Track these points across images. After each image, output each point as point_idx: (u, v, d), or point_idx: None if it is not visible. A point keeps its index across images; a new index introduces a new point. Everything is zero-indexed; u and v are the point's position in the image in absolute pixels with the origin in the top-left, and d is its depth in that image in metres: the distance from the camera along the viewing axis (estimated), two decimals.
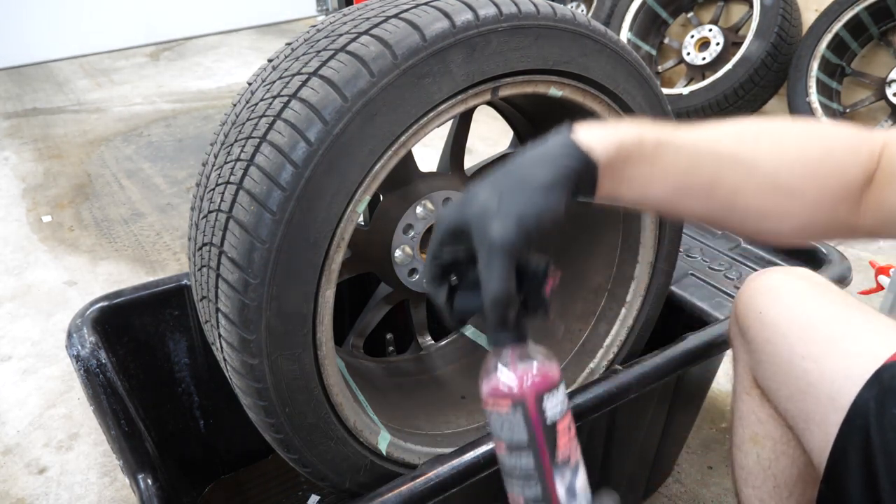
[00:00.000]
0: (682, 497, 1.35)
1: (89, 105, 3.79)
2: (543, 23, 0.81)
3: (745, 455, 0.90)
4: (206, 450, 1.30)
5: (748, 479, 0.90)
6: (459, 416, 1.09)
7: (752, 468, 0.89)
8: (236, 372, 0.77)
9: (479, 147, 2.97)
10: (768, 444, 0.87)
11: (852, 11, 2.64)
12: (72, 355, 1.03)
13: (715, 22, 3.13)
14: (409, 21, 0.73)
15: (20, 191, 2.79)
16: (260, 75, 0.84)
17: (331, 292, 0.79)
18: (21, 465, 1.48)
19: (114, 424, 0.94)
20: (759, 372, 0.84)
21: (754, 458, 0.89)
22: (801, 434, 0.78)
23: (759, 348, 0.82)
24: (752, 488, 0.90)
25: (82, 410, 1.62)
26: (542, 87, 0.87)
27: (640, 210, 0.68)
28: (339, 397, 0.84)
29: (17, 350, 1.84)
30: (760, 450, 0.88)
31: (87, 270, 2.21)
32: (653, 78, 0.96)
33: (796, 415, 0.78)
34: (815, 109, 2.68)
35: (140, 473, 0.86)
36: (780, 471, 0.87)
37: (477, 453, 0.85)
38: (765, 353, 0.81)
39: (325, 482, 0.88)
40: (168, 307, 1.16)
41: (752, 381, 0.88)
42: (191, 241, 0.86)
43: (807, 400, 0.75)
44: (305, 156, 0.69)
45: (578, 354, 1.16)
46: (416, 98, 0.74)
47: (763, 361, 0.82)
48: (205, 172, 0.84)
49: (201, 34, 5.18)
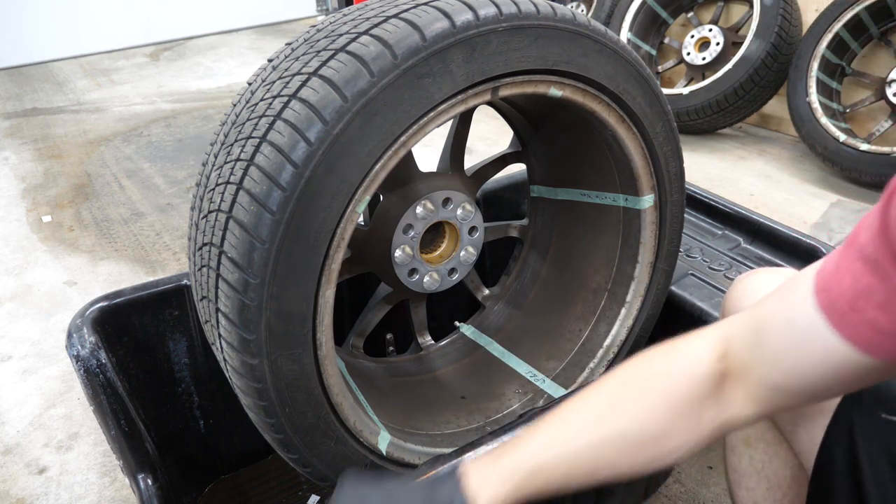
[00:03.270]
0: (682, 497, 1.35)
1: (89, 105, 3.79)
2: (543, 23, 0.81)
3: (738, 457, 0.91)
4: (206, 450, 1.30)
5: (741, 481, 0.90)
6: (459, 416, 1.09)
7: (746, 470, 0.90)
8: (236, 372, 0.77)
9: (479, 147, 2.97)
10: (760, 446, 0.87)
11: (852, 11, 2.64)
12: (72, 355, 1.03)
13: (715, 22, 3.13)
14: (409, 21, 0.73)
15: (20, 191, 2.79)
16: (260, 75, 0.84)
17: (331, 292, 0.79)
18: (21, 465, 1.48)
19: (114, 424, 0.94)
20: None
21: (747, 460, 0.89)
22: (790, 436, 0.78)
23: None
24: (745, 490, 0.90)
25: (82, 410, 1.61)
26: (542, 87, 0.87)
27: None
28: (339, 397, 0.84)
29: (17, 350, 1.84)
30: (753, 452, 0.88)
31: (87, 270, 2.21)
32: (653, 78, 0.96)
33: (784, 417, 0.78)
34: (816, 109, 2.68)
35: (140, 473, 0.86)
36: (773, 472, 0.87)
37: (477, 453, 0.85)
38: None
39: (325, 482, 0.88)
40: (168, 307, 1.16)
41: None
42: (191, 241, 0.86)
43: None
44: (305, 156, 0.69)
45: (578, 354, 1.16)
46: (416, 98, 0.74)
47: None
48: (205, 172, 0.84)
49: (201, 34, 5.18)
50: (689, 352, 0.65)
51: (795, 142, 3.04)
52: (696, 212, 1.46)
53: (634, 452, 0.65)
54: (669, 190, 1.06)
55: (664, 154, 1.02)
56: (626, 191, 1.07)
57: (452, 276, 1.05)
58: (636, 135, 0.99)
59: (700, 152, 2.99)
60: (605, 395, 0.68)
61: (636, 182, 1.04)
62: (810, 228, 2.36)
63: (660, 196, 1.06)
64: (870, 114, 2.83)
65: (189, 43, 5.04)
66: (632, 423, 0.65)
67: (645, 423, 0.64)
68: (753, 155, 2.97)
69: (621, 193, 1.08)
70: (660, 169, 1.03)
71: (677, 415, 0.64)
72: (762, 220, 1.36)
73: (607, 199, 1.11)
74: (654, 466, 0.66)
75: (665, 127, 1.00)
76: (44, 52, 4.64)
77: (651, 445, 0.65)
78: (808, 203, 2.54)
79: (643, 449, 0.65)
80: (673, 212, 1.08)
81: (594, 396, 0.68)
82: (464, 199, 1.00)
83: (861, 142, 2.55)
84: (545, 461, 0.65)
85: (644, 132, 0.99)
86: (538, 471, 0.64)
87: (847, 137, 2.59)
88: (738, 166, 2.86)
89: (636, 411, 0.65)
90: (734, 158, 2.94)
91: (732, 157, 2.95)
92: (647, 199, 1.05)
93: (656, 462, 0.65)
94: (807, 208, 2.50)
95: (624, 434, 0.65)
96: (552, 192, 1.22)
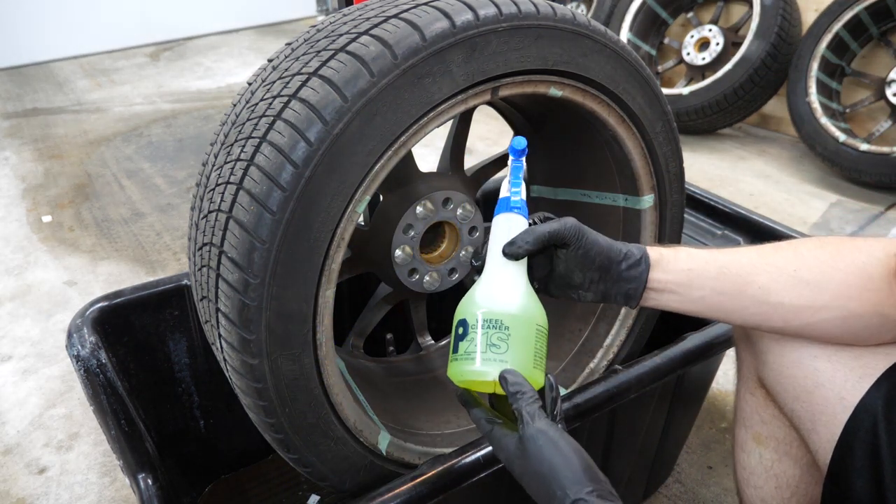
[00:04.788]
0: (682, 497, 1.35)
1: (89, 105, 3.79)
2: (543, 23, 0.81)
3: (747, 455, 0.90)
4: (206, 450, 1.30)
5: (750, 479, 0.90)
6: (459, 416, 1.09)
7: (755, 468, 0.89)
8: (236, 372, 0.77)
9: (479, 147, 2.97)
10: (771, 444, 0.87)
11: (852, 11, 2.64)
12: (72, 355, 1.03)
13: (715, 22, 3.13)
14: (409, 21, 0.74)
15: (20, 191, 2.79)
16: (260, 75, 0.84)
17: (331, 292, 0.79)
18: (21, 465, 1.48)
19: (114, 424, 0.94)
20: (764, 372, 0.84)
21: (757, 457, 0.89)
22: (808, 434, 0.78)
23: (766, 349, 0.82)
24: (753, 488, 0.90)
25: (82, 410, 1.62)
26: (542, 87, 0.87)
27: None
28: (339, 397, 0.84)
29: (18, 350, 1.84)
30: (763, 450, 0.88)
31: (87, 270, 2.21)
32: (653, 78, 0.96)
33: (802, 415, 0.78)
34: (815, 109, 2.68)
35: (140, 473, 0.86)
36: (783, 471, 0.87)
37: (477, 453, 0.85)
38: (772, 353, 0.81)
39: (325, 482, 0.88)
40: (168, 307, 1.16)
41: (756, 382, 0.88)
42: (191, 241, 0.86)
43: (814, 399, 0.75)
44: (305, 156, 0.69)
45: (578, 354, 1.16)
46: (416, 98, 0.74)
47: (769, 362, 0.82)
48: (205, 172, 0.84)
49: (201, 34, 5.18)
50: (866, 239, 0.75)
51: (795, 142, 3.04)
52: (696, 212, 1.46)
53: (789, 287, 0.73)
54: (669, 190, 1.06)
55: (664, 154, 1.02)
56: (626, 191, 1.07)
57: (452, 276, 1.05)
58: (636, 135, 0.99)
59: (700, 152, 2.99)
60: (790, 246, 0.77)
61: (636, 182, 1.04)
62: (810, 228, 2.36)
63: (660, 196, 1.06)
64: (870, 114, 2.83)
65: (189, 43, 5.04)
66: (800, 263, 0.74)
67: (812, 266, 0.73)
68: (753, 155, 2.97)
69: (621, 193, 1.08)
70: (660, 169, 1.03)
71: (842, 278, 0.72)
72: (762, 220, 1.36)
73: (607, 200, 1.11)
74: (798, 318, 0.74)
75: (665, 127, 1.00)
76: (44, 52, 4.64)
77: (807, 289, 0.73)
78: (808, 203, 2.54)
79: (798, 288, 0.73)
80: (673, 212, 1.08)
81: (781, 247, 0.78)
82: (464, 199, 1.00)
83: (861, 142, 2.55)
84: (726, 261, 0.76)
85: (644, 132, 0.99)
86: (721, 269, 0.76)
87: (847, 137, 2.59)
88: (738, 166, 2.86)
89: (808, 256, 0.74)
90: (734, 158, 2.94)
91: (732, 157, 2.95)
92: (647, 199, 1.05)
93: (802, 314, 0.73)
94: (806, 208, 2.50)
95: (787, 268, 0.74)
96: (552, 192, 1.22)
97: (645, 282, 0.77)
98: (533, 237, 0.74)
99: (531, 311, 0.72)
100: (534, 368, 0.70)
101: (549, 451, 0.62)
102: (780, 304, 0.73)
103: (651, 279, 0.77)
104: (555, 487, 0.61)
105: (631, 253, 0.77)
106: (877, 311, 0.71)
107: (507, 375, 0.68)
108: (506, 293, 0.73)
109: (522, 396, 0.66)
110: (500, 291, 0.73)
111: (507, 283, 0.74)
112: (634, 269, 0.77)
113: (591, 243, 0.76)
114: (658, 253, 0.78)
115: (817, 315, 0.73)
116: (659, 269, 0.77)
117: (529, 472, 0.63)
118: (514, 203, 0.78)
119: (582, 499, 0.59)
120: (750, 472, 0.90)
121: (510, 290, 0.73)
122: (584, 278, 0.78)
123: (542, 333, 0.72)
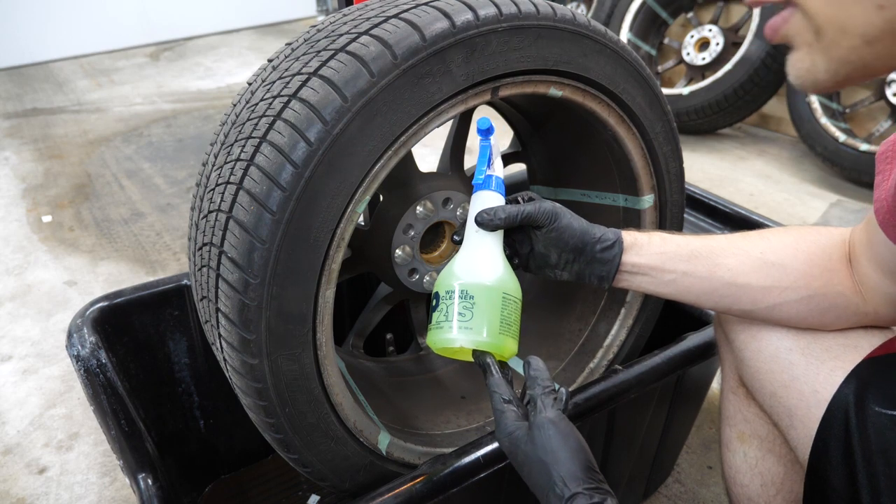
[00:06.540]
0: (682, 497, 1.35)
1: (89, 105, 3.79)
2: (543, 23, 0.81)
3: (732, 454, 0.91)
4: (206, 450, 1.30)
5: (736, 478, 0.91)
6: (459, 416, 1.09)
7: (740, 466, 0.90)
8: (236, 372, 0.77)
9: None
10: (755, 443, 0.88)
11: None
12: (72, 355, 1.03)
13: (715, 22, 3.13)
14: (409, 21, 0.74)
15: (20, 191, 2.79)
16: (260, 75, 0.84)
17: (331, 292, 0.79)
18: (21, 465, 1.48)
19: (114, 424, 0.94)
20: (743, 370, 0.85)
21: (741, 456, 0.90)
22: (787, 430, 0.79)
23: (743, 345, 0.83)
24: (740, 486, 0.90)
25: (82, 410, 1.61)
26: (542, 87, 0.87)
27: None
28: (339, 397, 0.84)
29: (18, 350, 1.84)
30: (747, 448, 0.89)
31: (87, 270, 2.21)
32: (652, 78, 0.96)
33: (780, 411, 0.79)
34: (815, 109, 2.68)
35: (140, 473, 0.86)
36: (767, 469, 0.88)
37: (477, 453, 0.85)
38: (749, 349, 0.82)
39: (325, 482, 0.88)
40: (168, 307, 1.16)
41: (737, 380, 0.89)
42: (191, 241, 0.86)
43: (790, 394, 0.76)
44: (305, 156, 0.69)
45: (578, 354, 1.16)
46: (416, 98, 0.74)
47: (747, 359, 0.83)
48: (205, 172, 0.84)
49: (201, 34, 5.18)
50: (825, 227, 0.80)
51: (795, 142, 3.04)
52: (696, 212, 1.46)
53: (756, 268, 0.77)
54: (669, 190, 1.06)
55: (664, 154, 1.02)
56: (626, 191, 1.07)
57: None
58: (636, 135, 0.99)
59: (700, 152, 2.99)
60: (756, 233, 0.81)
61: (636, 182, 1.04)
62: None
63: (660, 196, 1.06)
64: (870, 114, 2.83)
65: (189, 43, 5.04)
66: (765, 245, 0.78)
67: (776, 248, 0.77)
68: (753, 155, 2.97)
69: (621, 194, 1.08)
70: (660, 169, 1.03)
71: (805, 258, 0.76)
72: (762, 220, 1.36)
73: (607, 200, 1.11)
74: (766, 300, 0.77)
75: (665, 127, 1.00)
76: (44, 52, 4.63)
77: (773, 269, 0.76)
78: (808, 203, 2.54)
79: (765, 269, 0.76)
80: (673, 212, 1.08)
81: (749, 234, 0.82)
82: (464, 199, 1.00)
83: (861, 142, 2.55)
84: (697, 245, 0.80)
85: (644, 132, 0.99)
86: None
87: (847, 137, 2.59)
88: (738, 166, 2.86)
89: (772, 239, 0.78)
90: (734, 158, 2.94)
91: (732, 157, 2.95)
92: (647, 199, 1.05)
93: (769, 295, 0.76)
94: (806, 208, 2.50)
95: (753, 251, 0.78)
96: (552, 192, 1.22)
97: (618, 264, 0.81)
98: (505, 213, 0.79)
99: (498, 281, 0.76)
100: (500, 334, 0.74)
101: (557, 442, 0.64)
102: (748, 284, 0.77)
103: (624, 262, 0.81)
104: (556, 478, 0.62)
105: (605, 236, 0.81)
106: (838, 290, 0.75)
107: (531, 360, 0.73)
108: (475, 265, 0.77)
109: (540, 385, 0.69)
110: (469, 263, 0.78)
111: (478, 256, 0.78)
112: (608, 252, 0.80)
113: (564, 226, 0.80)
114: (632, 237, 0.82)
115: (783, 295, 0.76)
116: (632, 252, 0.81)
117: (533, 459, 0.65)
118: (476, 181, 0.83)
119: (581, 492, 0.61)
120: (736, 471, 0.91)
121: (479, 262, 0.78)
122: (560, 259, 0.82)
123: (512, 302, 0.76)
